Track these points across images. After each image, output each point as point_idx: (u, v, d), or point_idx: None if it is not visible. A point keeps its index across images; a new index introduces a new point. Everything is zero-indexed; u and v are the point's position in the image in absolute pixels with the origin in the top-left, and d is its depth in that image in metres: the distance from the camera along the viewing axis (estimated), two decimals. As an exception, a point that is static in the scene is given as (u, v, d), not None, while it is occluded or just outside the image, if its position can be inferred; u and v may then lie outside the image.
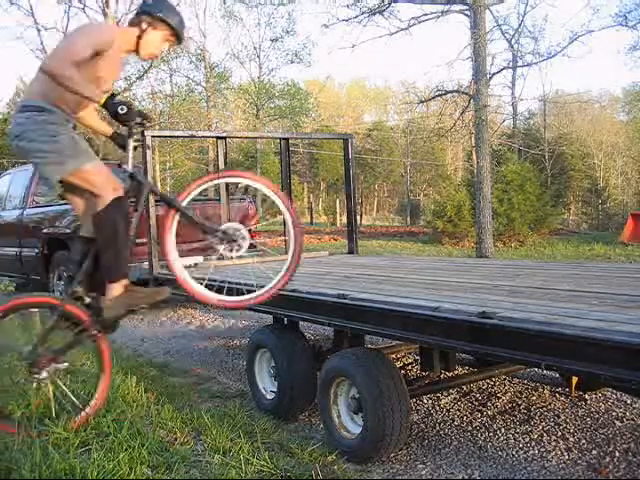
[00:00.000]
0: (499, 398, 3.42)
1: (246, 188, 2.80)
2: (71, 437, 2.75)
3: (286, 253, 2.83)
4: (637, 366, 1.64)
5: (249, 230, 2.81)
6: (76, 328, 2.75)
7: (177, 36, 2.77)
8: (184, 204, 2.77)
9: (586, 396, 3.38)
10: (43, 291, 7.08)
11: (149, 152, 4.42)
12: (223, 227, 2.80)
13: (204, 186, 2.88)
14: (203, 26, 38.24)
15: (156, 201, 2.81)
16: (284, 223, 2.86)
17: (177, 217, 2.81)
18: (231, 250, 2.75)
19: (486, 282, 3.02)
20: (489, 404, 3.34)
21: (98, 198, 2.64)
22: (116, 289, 2.70)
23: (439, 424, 3.10)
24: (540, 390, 3.54)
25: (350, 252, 5.30)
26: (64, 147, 2.61)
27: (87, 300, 2.75)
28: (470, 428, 3.02)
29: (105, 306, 2.69)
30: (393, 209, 40.36)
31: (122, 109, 2.55)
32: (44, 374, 2.75)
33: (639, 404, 3.23)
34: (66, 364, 2.81)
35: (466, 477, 2.52)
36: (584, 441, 2.81)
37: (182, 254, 5.45)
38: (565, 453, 2.69)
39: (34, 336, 2.77)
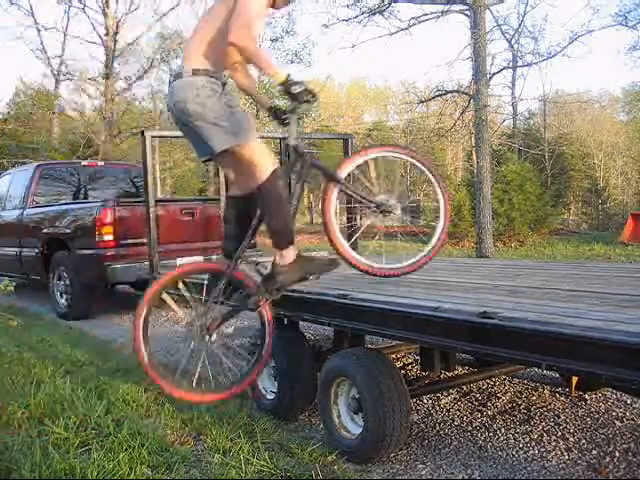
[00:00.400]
0: (499, 398, 3.42)
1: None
2: (71, 437, 2.75)
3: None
4: (637, 366, 1.64)
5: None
6: (242, 293, 2.83)
7: None
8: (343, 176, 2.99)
9: (586, 396, 3.37)
10: (43, 290, 7.10)
11: (149, 152, 4.43)
12: (379, 199, 3.00)
13: (361, 160, 3.08)
14: (203, 26, 38.13)
15: (318, 170, 3.04)
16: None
17: (337, 190, 2.99)
18: (384, 220, 3.04)
19: (486, 282, 3.02)
20: (489, 404, 3.34)
21: (259, 168, 2.71)
22: (290, 256, 2.78)
23: (439, 424, 3.10)
24: (540, 390, 3.54)
25: (350, 252, 5.29)
26: (240, 119, 2.69)
27: (255, 266, 2.86)
28: (470, 428, 3.02)
29: (280, 272, 2.76)
30: (393, 209, 40.30)
31: (295, 88, 2.67)
32: (214, 336, 2.79)
33: (639, 404, 3.23)
34: (232, 328, 2.85)
35: (466, 477, 2.52)
36: (584, 441, 2.80)
37: (182, 254, 5.47)
38: (565, 453, 2.69)
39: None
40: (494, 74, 12.41)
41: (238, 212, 2.91)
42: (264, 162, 2.71)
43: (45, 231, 6.78)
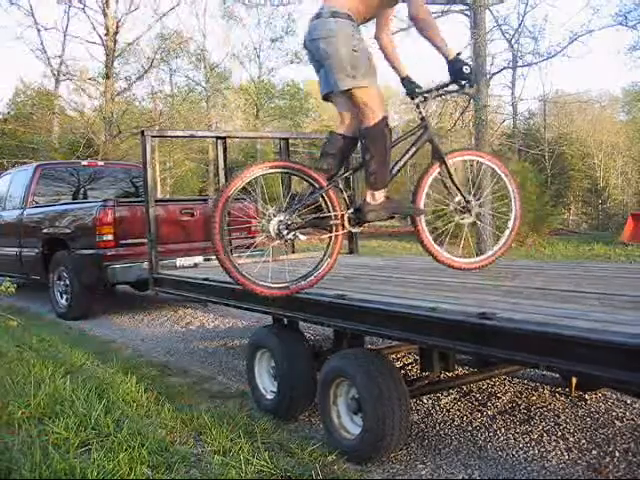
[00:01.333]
0: (499, 398, 3.42)
1: (244, 187, 2.92)
2: (71, 437, 2.76)
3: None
4: (636, 368, 1.64)
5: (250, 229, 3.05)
6: (327, 213, 2.99)
7: None
8: (450, 163, 3.24)
9: (586, 396, 3.38)
10: (43, 290, 7.10)
11: (149, 152, 4.43)
12: (468, 198, 3.28)
13: (467, 158, 3.42)
14: (203, 26, 38.29)
15: (431, 147, 3.25)
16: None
17: (437, 171, 3.23)
18: (462, 218, 3.30)
19: (486, 282, 3.02)
20: (489, 404, 3.34)
21: (370, 112, 2.90)
22: (379, 196, 3.02)
23: (439, 424, 3.10)
24: (540, 390, 3.54)
25: (350, 252, 5.30)
26: (362, 63, 2.85)
27: (346, 195, 3.06)
28: (470, 428, 3.02)
29: (369, 209, 3.00)
30: (393, 209, 40.24)
31: (467, 69, 2.85)
32: (290, 235, 2.91)
33: (639, 404, 3.23)
34: (304, 237, 3.00)
35: (466, 477, 2.52)
36: (584, 441, 2.81)
37: (182, 254, 5.47)
38: (565, 453, 2.69)
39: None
40: (494, 74, 12.42)
41: (338, 150, 3.07)
42: (376, 107, 2.91)
43: (45, 231, 6.77)
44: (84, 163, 8.40)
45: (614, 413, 3.13)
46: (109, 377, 3.81)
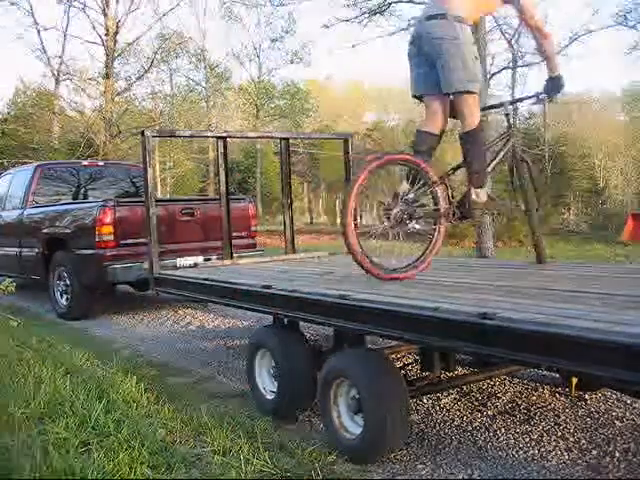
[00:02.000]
0: (499, 398, 3.42)
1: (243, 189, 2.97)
2: (71, 437, 2.75)
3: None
4: (638, 368, 1.64)
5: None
6: (435, 206, 3.19)
7: None
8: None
9: (586, 396, 3.37)
10: (43, 290, 7.10)
11: (149, 151, 4.43)
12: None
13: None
14: (203, 26, 38.30)
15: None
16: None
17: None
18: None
19: (486, 282, 3.02)
20: (489, 404, 3.34)
21: (470, 117, 3.12)
22: (483, 195, 3.23)
23: (439, 424, 3.10)
24: (540, 390, 3.53)
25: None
26: (477, 71, 3.11)
27: (452, 192, 3.24)
28: (470, 428, 3.02)
29: (474, 206, 3.20)
30: (393, 209, 40.19)
31: (562, 86, 3.16)
32: (412, 223, 3.10)
33: (639, 404, 3.23)
34: (418, 227, 3.16)
35: (466, 477, 2.52)
36: (584, 441, 2.80)
37: (182, 254, 5.48)
38: (565, 453, 2.69)
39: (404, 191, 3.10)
40: (494, 74, 12.43)
41: (428, 147, 3.27)
42: (477, 113, 3.13)
43: (45, 231, 6.77)
44: (84, 163, 8.40)
45: (614, 413, 3.13)
46: (109, 377, 3.81)
